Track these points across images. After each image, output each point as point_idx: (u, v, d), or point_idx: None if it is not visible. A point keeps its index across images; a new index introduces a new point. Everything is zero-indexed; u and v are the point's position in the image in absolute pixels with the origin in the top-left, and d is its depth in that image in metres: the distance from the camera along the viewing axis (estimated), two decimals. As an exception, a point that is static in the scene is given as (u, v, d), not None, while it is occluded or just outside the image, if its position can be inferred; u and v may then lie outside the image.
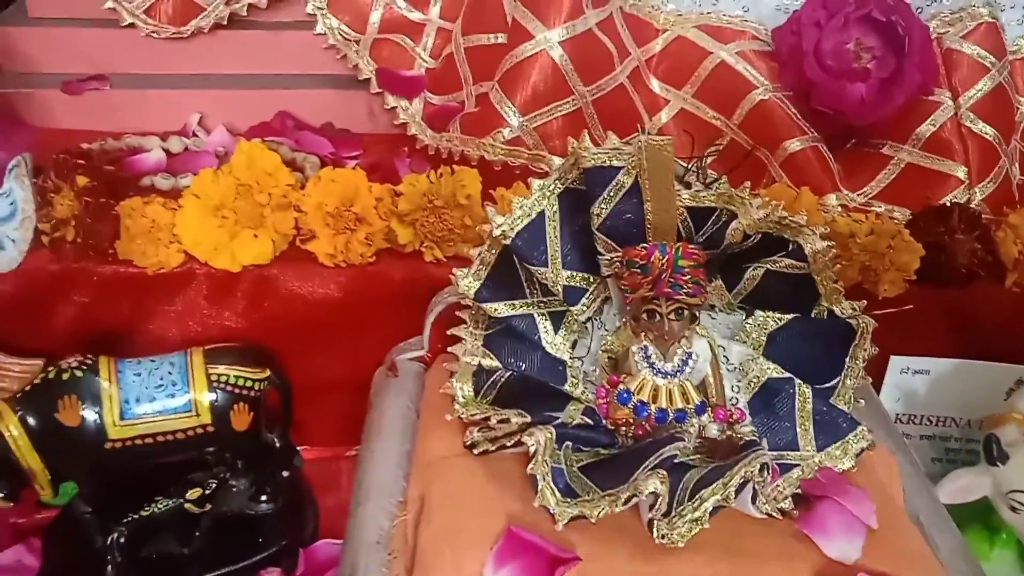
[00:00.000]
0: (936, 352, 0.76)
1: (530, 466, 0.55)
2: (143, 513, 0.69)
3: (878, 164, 0.82)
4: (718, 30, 0.87)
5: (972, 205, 0.78)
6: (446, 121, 0.88)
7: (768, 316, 0.64)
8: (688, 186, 0.62)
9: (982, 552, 0.70)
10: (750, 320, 0.64)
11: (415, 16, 0.95)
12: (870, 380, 0.74)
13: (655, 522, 0.52)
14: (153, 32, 0.90)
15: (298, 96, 0.96)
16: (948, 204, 0.76)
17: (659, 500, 0.52)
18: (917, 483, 0.64)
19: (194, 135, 0.91)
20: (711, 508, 0.53)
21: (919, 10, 0.84)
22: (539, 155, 0.81)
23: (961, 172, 0.79)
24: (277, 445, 0.73)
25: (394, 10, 0.95)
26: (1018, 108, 0.91)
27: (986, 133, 0.79)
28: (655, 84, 0.89)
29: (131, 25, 0.90)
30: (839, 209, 0.78)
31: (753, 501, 0.55)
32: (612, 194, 0.61)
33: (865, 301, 0.64)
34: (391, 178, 0.83)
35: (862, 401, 0.65)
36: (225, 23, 0.92)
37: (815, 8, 0.82)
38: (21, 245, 0.70)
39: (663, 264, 0.57)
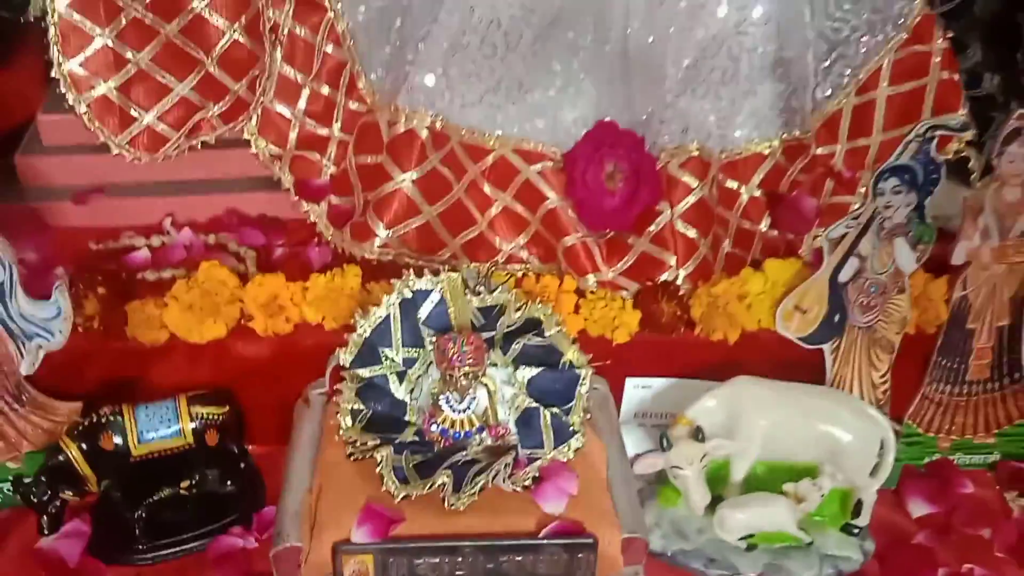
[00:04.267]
0: (656, 374, 1.19)
1: (378, 468, 0.96)
2: (154, 497, 1.06)
3: (625, 250, 1.22)
4: (527, 153, 1.23)
5: (678, 282, 1.19)
6: (344, 220, 1.26)
7: (528, 369, 1.04)
8: (477, 294, 1.03)
9: (673, 499, 1.13)
10: (517, 372, 1.04)
11: (322, 131, 1.30)
12: (609, 395, 1.16)
13: (445, 498, 0.94)
14: (135, 159, 1.26)
15: (242, 196, 1.31)
16: (659, 282, 1.18)
17: (446, 486, 0.94)
18: (619, 463, 1.05)
19: (168, 232, 1.29)
20: (480, 486, 0.95)
21: (653, 144, 1.24)
22: (401, 253, 1.20)
23: (672, 260, 1.19)
24: (236, 450, 1.11)
25: (306, 128, 1.31)
26: (740, 195, 1.32)
27: (690, 233, 1.20)
28: (487, 188, 1.27)
29: (119, 153, 1.27)
30: (594, 284, 1.19)
31: (503, 482, 0.97)
32: (430, 304, 1.01)
33: (592, 354, 1.05)
34: (306, 263, 1.23)
35: (589, 415, 1.07)
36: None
37: (583, 145, 1.21)
38: (64, 334, 1.07)
39: (454, 350, 0.98)
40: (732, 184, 1.30)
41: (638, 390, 1.18)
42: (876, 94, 1.32)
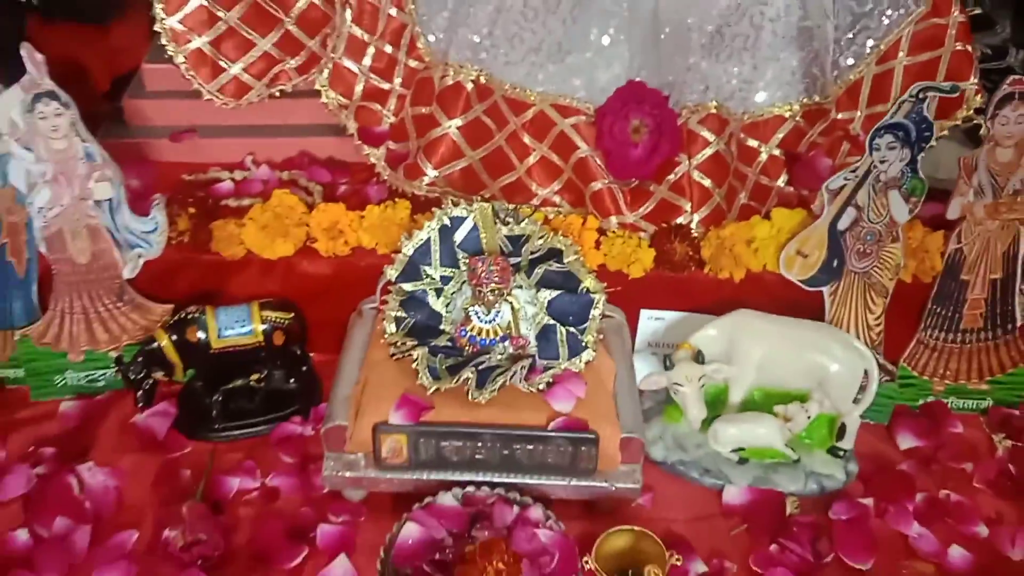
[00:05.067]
0: (668, 307, 1.32)
1: (414, 365, 1.12)
2: (229, 386, 1.25)
3: (646, 197, 1.35)
4: (564, 108, 1.37)
5: (691, 225, 1.32)
6: (399, 162, 1.43)
7: (548, 292, 1.18)
8: (506, 224, 1.18)
9: (676, 417, 1.26)
10: (539, 294, 1.18)
11: (384, 86, 1.47)
12: (625, 324, 1.30)
13: (469, 391, 1.10)
14: (223, 104, 1.45)
15: (313, 140, 1.49)
16: (674, 224, 1.30)
17: (470, 381, 1.09)
18: (626, 378, 1.18)
19: (248, 168, 1.48)
20: (500, 384, 1.10)
21: (677, 102, 1.36)
22: (446, 192, 1.36)
23: (687, 205, 1.31)
24: (299, 353, 1.29)
25: (371, 83, 1.48)
26: (759, 153, 1.43)
27: (705, 182, 1.33)
28: (526, 138, 1.41)
29: (209, 99, 1.46)
30: (616, 226, 1.33)
31: (520, 382, 1.12)
32: (464, 230, 1.17)
33: (606, 283, 1.19)
34: (365, 199, 1.39)
35: (603, 336, 1.21)
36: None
37: (613, 101, 1.34)
38: (160, 245, 1.26)
39: (483, 269, 1.13)
40: (753, 143, 1.42)
41: (651, 321, 1.31)
42: (895, 63, 1.42)
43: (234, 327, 1.23)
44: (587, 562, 1.02)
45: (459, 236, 1.17)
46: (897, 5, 1.41)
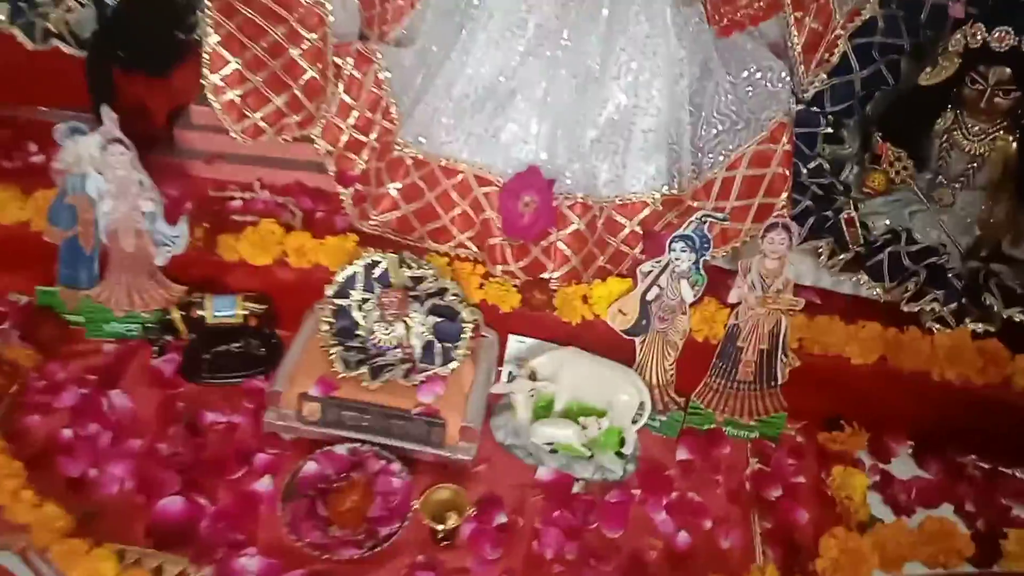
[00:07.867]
0: (529, 334, 1.73)
1: (332, 357, 1.57)
2: (217, 349, 1.68)
3: (526, 254, 1.74)
4: (482, 179, 1.77)
5: (551, 279, 1.72)
6: (361, 202, 1.85)
7: (434, 318, 1.60)
8: (409, 267, 1.61)
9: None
10: (428, 318, 1.59)
11: (361, 138, 1.90)
12: (496, 343, 1.72)
13: (365, 380, 1.54)
14: (244, 141, 1.88)
15: (306, 174, 1.91)
16: (538, 278, 1.71)
17: (366, 374, 1.53)
18: (481, 383, 1.62)
19: (255, 191, 1.92)
20: (386, 378, 1.54)
21: (559, 188, 1.74)
22: (386, 231, 1.78)
23: (551, 265, 1.72)
24: (267, 331, 1.75)
25: (352, 136, 1.90)
26: (624, 227, 1.82)
27: (566, 251, 1.72)
28: (454, 195, 1.82)
29: (235, 136, 1.89)
30: (500, 272, 1.73)
31: (401, 378, 1.56)
32: (380, 268, 1.59)
33: (481, 314, 1.61)
34: (332, 226, 1.82)
35: (471, 351, 1.63)
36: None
37: (513, 182, 1.73)
38: (182, 246, 1.71)
39: (387, 298, 1.56)
40: (620, 219, 1.80)
41: (516, 343, 1.73)
42: (738, 171, 1.78)
43: (223, 310, 1.68)
44: (415, 504, 1.47)
45: (376, 272, 1.60)
46: (749, 127, 1.77)
